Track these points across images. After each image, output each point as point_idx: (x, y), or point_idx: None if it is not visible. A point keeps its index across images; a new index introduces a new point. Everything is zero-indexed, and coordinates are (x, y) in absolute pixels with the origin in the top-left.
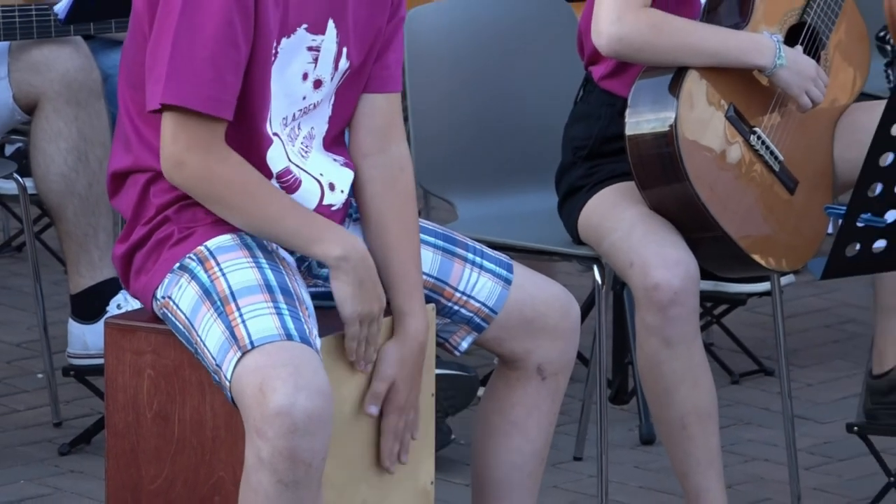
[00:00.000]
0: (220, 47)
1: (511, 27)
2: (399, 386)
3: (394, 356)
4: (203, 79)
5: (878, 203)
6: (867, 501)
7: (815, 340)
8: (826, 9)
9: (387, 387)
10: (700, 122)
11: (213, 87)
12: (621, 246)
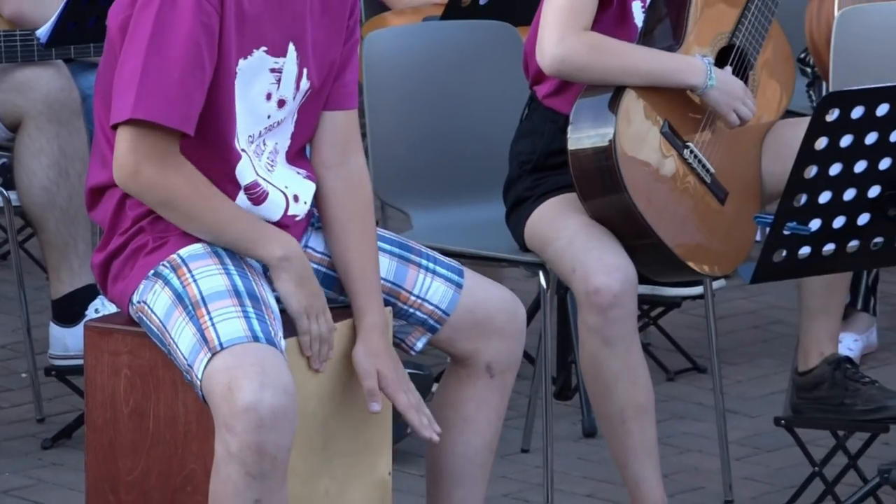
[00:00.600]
0: (189, 67)
1: (461, 50)
2: (385, 373)
3: (365, 353)
4: (173, 96)
5: (803, 212)
6: (793, 490)
7: (744, 340)
8: (754, 32)
9: (375, 380)
10: (637, 137)
11: (183, 104)
12: (564, 253)
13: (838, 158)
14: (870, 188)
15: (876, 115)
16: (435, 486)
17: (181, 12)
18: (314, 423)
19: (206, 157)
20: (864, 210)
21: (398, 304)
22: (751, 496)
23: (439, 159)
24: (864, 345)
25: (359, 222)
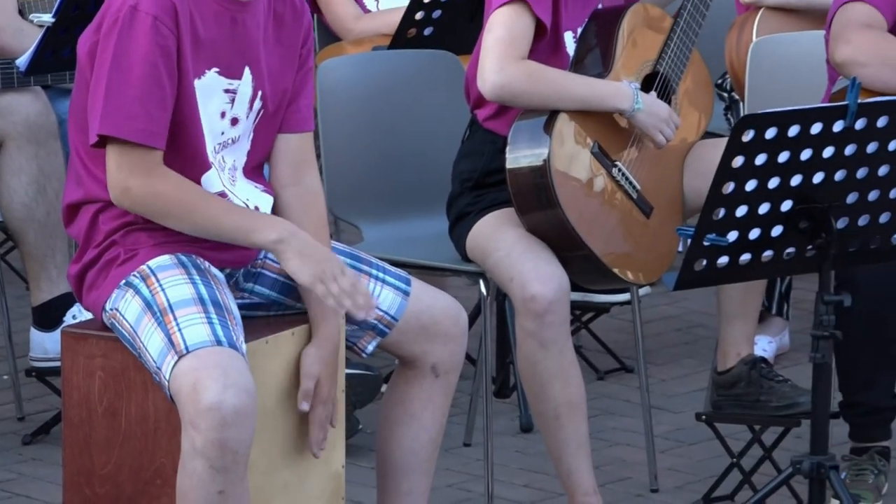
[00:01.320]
0: (147, 86)
1: (408, 77)
2: (322, 382)
3: (315, 356)
4: (133, 114)
5: (721, 225)
6: (713, 479)
7: (668, 342)
8: (675, 60)
9: (314, 384)
10: (569, 157)
11: (142, 121)
12: (503, 263)
13: (754, 175)
14: (782, 203)
15: (788, 136)
16: (384, 478)
17: (138, 36)
18: (273, 421)
19: (179, 167)
20: (778, 223)
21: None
22: (675, 485)
23: (388, 177)
24: (778, 346)
25: (313, 236)
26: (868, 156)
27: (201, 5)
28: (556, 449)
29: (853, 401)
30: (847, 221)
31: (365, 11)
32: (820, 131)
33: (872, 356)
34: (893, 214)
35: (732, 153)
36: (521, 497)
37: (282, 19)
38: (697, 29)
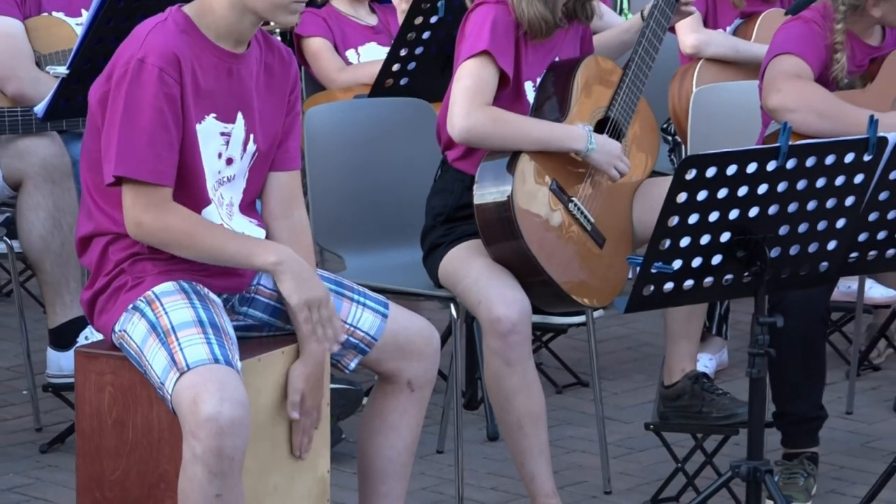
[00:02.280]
0: (155, 131)
1: (386, 122)
2: (306, 394)
3: (301, 372)
4: (144, 156)
5: (667, 254)
6: (660, 482)
7: (619, 360)
8: (625, 107)
9: (300, 396)
10: (530, 193)
11: (153, 162)
12: (471, 289)
13: (696, 210)
14: (722, 234)
15: (726, 174)
16: (365, 482)
17: (146, 86)
18: (265, 430)
19: (183, 202)
20: (717, 252)
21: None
22: (626, 488)
23: (368, 212)
24: (718, 363)
25: None
26: (798, 192)
27: (201, 58)
28: (519, 455)
29: (785, 411)
30: (779, 251)
31: (347, 64)
32: (755, 170)
33: (802, 371)
34: (821, 245)
35: (676, 190)
36: (488, 499)
37: (272, 70)
38: (644, 79)
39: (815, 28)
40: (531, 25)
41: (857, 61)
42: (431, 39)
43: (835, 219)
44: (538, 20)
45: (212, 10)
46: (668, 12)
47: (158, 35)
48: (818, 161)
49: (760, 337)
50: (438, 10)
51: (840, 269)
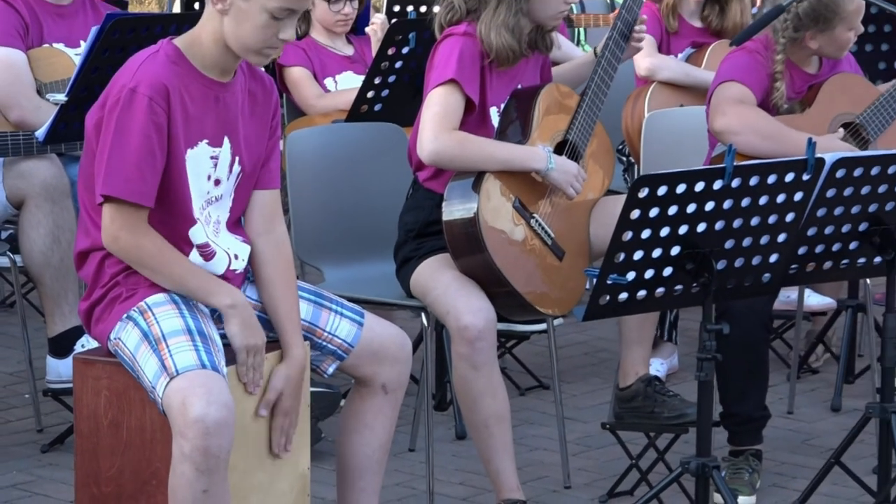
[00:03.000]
0: (142, 155)
1: (361, 145)
2: (285, 396)
3: (282, 374)
4: (129, 177)
5: (621, 267)
6: (616, 478)
7: (578, 364)
8: (582, 130)
9: (276, 396)
10: (495, 210)
11: (137, 184)
12: (441, 299)
13: (648, 226)
14: (672, 248)
15: (676, 193)
16: (343, 478)
17: (136, 114)
18: (249, 431)
19: (169, 222)
20: (668, 265)
21: (314, 339)
22: (584, 483)
23: (344, 228)
24: (669, 367)
25: (283, 277)
26: (742, 209)
27: (190, 86)
28: (485, 453)
29: (731, 412)
30: (725, 263)
31: (325, 91)
32: (702, 189)
33: (746, 375)
34: (763, 257)
35: (630, 207)
36: (456, 494)
37: (255, 97)
38: (600, 105)
39: (757, 58)
40: (499, 54)
41: (796, 88)
42: (403, 69)
43: (776, 234)
44: (506, 49)
45: (200, 43)
46: (622, 44)
47: (150, 66)
48: (761, 180)
49: (708, 343)
50: (409, 42)
51: (781, 280)
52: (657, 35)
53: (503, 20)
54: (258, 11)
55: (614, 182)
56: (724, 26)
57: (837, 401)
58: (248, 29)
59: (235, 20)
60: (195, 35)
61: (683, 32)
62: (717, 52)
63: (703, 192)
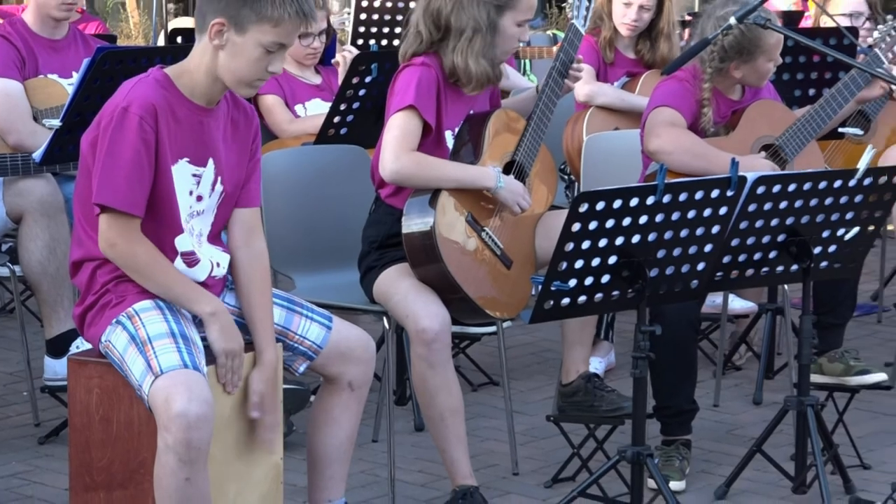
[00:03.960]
0: (132, 169)
1: (329, 165)
2: (266, 396)
3: (259, 377)
4: (121, 189)
5: (564, 275)
6: (559, 465)
7: (525, 362)
8: (528, 151)
9: (259, 398)
10: (449, 224)
11: (127, 195)
12: (401, 304)
13: (588, 237)
14: (609, 257)
15: (613, 207)
16: (313, 466)
17: (128, 131)
18: (227, 424)
19: (158, 230)
20: (606, 273)
21: (287, 341)
22: (531, 470)
23: (313, 240)
24: (606, 364)
25: (259, 285)
26: (673, 222)
27: (176, 110)
28: (441, 443)
29: (663, 405)
30: (657, 271)
31: (296, 116)
32: (637, 204)
33: (676, 371)
34: (691, 266)
35: (571, 221)
36: (415, 480)
37: (237, 123)
38: (544, 129)
39: (686, 86)
40: (478, 79)
41: (722, 113)
42: (366, 96)
43: (703, 244)
44: (484, 75)
45: (189, 73)
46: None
47: (141, 88)
48: (689, 196)
49: (642, 343)
50: (372, 72)
51: (708, 286)
52: (595, 65)
53: (479, 50)
54: (253, 46)
55: (557, 198)
56: (654, 58)
57: (759, 395)
58: (243, 62)
59: (231, 55)
60: (185, 66)
61: (619, 63)
62: (649, 81)
63: (637, 206)
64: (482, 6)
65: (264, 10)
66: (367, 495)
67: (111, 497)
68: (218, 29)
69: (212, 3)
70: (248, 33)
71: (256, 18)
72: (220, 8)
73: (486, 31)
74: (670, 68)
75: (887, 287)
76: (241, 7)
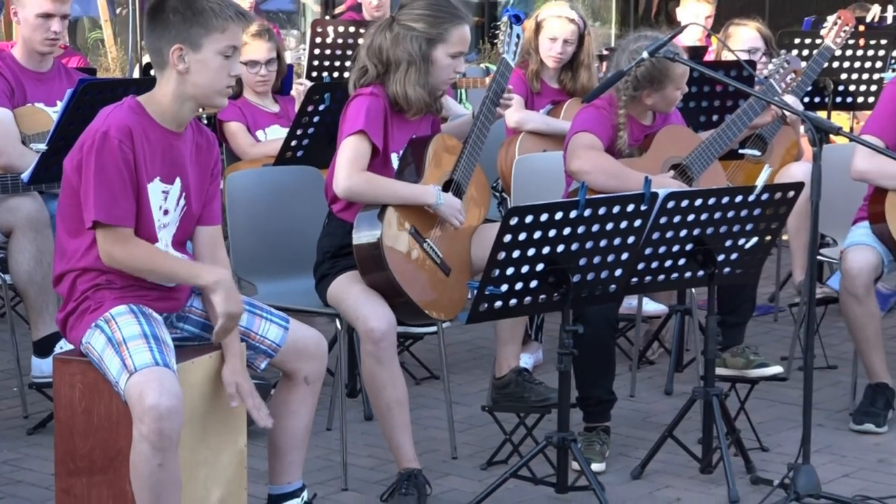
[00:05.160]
0: (118, 186)
1: (287, 184)
2: (241, 385)
3: (230, 370)
4: (111, 205)
5: (496, 281)
6: (493, 449)
7: (462, 358)
8: (465, 171)
9: (234, 389)
10: (395, 236)
11: (117, 209)
12: (351, 307)
13: (518, 247)
14: (537, 265)
15: (540, 220)
16: (273, 453)
17: (109, 153)
18: (197, 415)
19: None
20: (534, 278)
21: (249, 341)
22: (468, 454)
23: (273, 250)
24: (535, 360)
25: None
26: (593, 233)
27: (149, 134)
28: (388, 431)
29: (585, 395)
30: (580, 277)
31: (257, 141)
32: (561, 217)
33: (597, 366)
34: (610, 272)
35: (503, 232)
36: (365, 464)
37: (201, 148)
38: (479, 151)
39: (604, 112)
40: (414, 105)
41: (635, 137)
42: (320, 122)
43: (620, 253)
44: (421, 102)
45: (158, 102)
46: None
47: (117, 114)
48: (607, 210)
49: (566, 341)
50: (325, 101)
51: (624, 290)
52: (524, 94)
53: (415, 80)
54: (213, 56)
55: (490, 212)
56: (576, 87)
57: (670, 386)
58: (211, 74)
59: (197, 73)
60: (153, 95)
61: (544, 93)
62: (572, 108)
63: (561, 220)
64: (415, 41)
65: (210, 22)
66: (322, 478)
67: (92, 481)
68: (178, 54)
69: (162, 37)
70: (204, 47)
71: (206, 32)
72: (172, 37)
73: (420, 63)
74: (590, 97)
75: (782, 290)
76: (189, 28)
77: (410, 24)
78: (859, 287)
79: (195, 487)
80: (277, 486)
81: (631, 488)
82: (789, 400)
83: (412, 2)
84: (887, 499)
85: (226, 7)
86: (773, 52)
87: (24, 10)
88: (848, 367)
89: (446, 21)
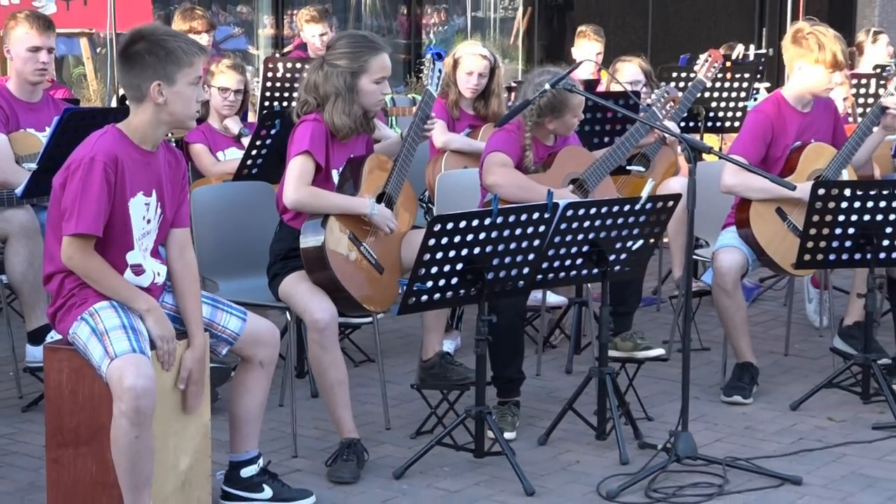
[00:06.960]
0: (99, 203)
1: (244, 197)
2: (193, 372)
3: (189, 357)
4: (91, 218)
5: (423, 278)
6: (420, 422)
7: (394, 344)
8: (395, 185)
9: (188, 374)
10: (336, 240)
11: (96, 222)
12: (300, 301)
13: (441, 249)
14: (457, 264)
15: (460, 227)
16: (233, 426)
17: (94, 175)
18: (168, 395)
19: (113, 248)
20: (455, 276)
21: (212, 331)
22: (399, 426)
23: (233, 253)
24: (455, 346)
25: (191, 288)
26: (504, 237)
27: (130, 155)
28: (331, 407)
29: (498, 375)
30: (493, 275)
31: (218, 160)
32: (477, 224)
33: (508, 350)
34: (519, 270)
35: (428, 237)
36: (312, 434)
37: (171, 163)
38: (408, 168)
39: (513, 135)
40: (342, 131)
41: (540, 156)
42: (272, 145)
43: (527, 254)
44: (346, 127)
45: (136, 127)
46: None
47: (104, 142)
48: (516, 218)
49: (482, 329)
50: (276, 126)
51: (531, 286)
52: (446, 119)
53: (342, 109)
54: (186, 87)
55: (417, 220)
56: (488, 113)
57: (570, 366)
58: (186, 102)
59: (175, 103)
60: (130, 122)
61: (463, 118)
62: (487, 131)
63: (477, 226)
64: (340, 76)
65: (182, 59)
66: (276, 447)
67: (78, 452)
68: (158, 90)
69: (140, 75)
70: (178, 81)
71: (179, 68)
72: (150, 75)
73: (346, 94)
74: (501, 122)
75: (664, 284)
76: (165, 66)
77: (335, 62)
78: (728, 282)
79: (166, 456)
80: (237, 454)
81: (538, 453)
82: (670, 377)
83: (336, 42)
84: (753, 459)
85: (190, 44)
86: (653, 84)
87: (15, 46)
88: (719, 349)
89: (365, 53)
